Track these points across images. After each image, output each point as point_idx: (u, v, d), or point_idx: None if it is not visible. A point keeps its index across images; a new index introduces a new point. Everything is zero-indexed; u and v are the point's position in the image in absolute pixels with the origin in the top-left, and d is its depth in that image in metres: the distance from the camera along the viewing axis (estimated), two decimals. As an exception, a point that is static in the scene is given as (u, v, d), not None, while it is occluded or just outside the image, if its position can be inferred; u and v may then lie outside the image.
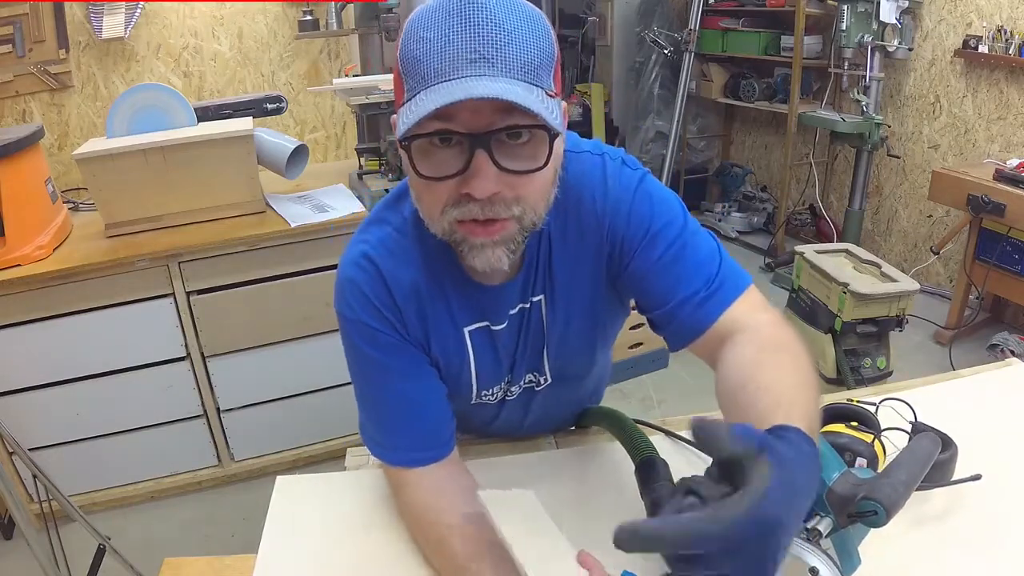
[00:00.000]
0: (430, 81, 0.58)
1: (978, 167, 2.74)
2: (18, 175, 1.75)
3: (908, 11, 3.04)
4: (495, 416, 0.93)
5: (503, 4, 0.58)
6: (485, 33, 0.57)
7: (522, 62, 0.58)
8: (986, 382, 1.07)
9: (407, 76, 0.60)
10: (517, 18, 0.59)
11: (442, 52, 0.57)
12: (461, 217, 0.63)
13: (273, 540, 0.81)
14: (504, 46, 0.57)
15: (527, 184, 0.63)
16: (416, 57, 0.59)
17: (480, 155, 0.59)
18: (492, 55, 0.57)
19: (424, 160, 0.61)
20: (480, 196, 0.60)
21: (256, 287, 1.96)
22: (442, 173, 0.61)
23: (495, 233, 0.64)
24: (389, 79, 2.26)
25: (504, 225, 0.64)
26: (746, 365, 0.64)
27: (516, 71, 0.58)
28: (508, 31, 0.58)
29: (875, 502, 0.55)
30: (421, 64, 0.58)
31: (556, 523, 0.73)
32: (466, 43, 0.57)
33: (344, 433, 2.21)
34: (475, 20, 0.57)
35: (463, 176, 0.61)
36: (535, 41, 0.59)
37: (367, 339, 0.75)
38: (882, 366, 2.17)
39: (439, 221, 0.65)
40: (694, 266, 0.73)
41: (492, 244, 0.64)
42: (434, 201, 0.64)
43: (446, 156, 0.61)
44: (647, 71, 4.08)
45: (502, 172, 0.60)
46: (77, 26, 2.39)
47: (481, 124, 0.58)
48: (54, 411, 1.92)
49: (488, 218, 0.63)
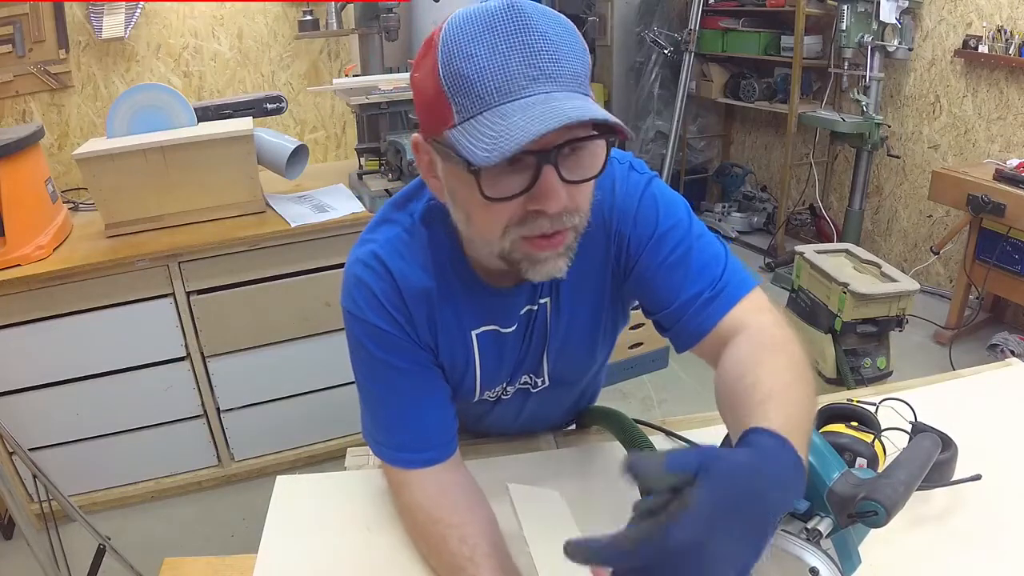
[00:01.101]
0: (492, 101, 0.56)
1: (978, 167, 2.74)
2: (18, 175, 1.75)
3: (908, 11, 3.04)
4: (487, 413, 0.93)
5: (543, 14, 0.58)
6: (537, 46, 0.56)
7: (574, 74, 0.58)
8: (986, 382, 1.08)
9: (455, 95, 0.57)
10: (560, 30, 0.58)
11: (500, 69, 0.56)
12: (528, 233, 0.62)
13: (273, 540, 0.81)
14: (557, 60, 0.57)
15: (584, 192, 0.63)
16: (466, 75, 0.56)
17: (548, 171, 0.59)
18: (550, 70, 0.57)
19: (488, 182, 0.59)
20: (554, 212, 0.60)
21: (256, 287, 1.96)
22: (509, 193, 0.59)
23: (560, 244, 0.64)
24: (389, 79, 2.26)
25: (566, 235, 0.64)
26: (742, 362, 0.64)
27: (572, 84, 0.58)
28: (557, 44, 0.57)
29: (875, 502, 0.55)
30: (475, 83, 0.56)
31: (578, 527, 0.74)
32: (522, 58, 0.56)
33: (344, 433, 2.21)
34: (525, 34, 0.56)
35: (530, 194, 0.60)
36: (579, 52, 0.59)
37: (374, 338, 0.75)
38: (882, 366, 2.17)
39: (499, 241, 0.64)
40: (699, 268, 0.73)
41: (555, 256, 0.65)
42: (494, 221, 0.63)
43: (509, 175, 0.59)
44: (647, 71, 4.08)
45: (566, 184, 0.60)
46: (77, 26, 2.39)
47: (545, 140, 0.57)
48: (54, 411, 1.92)
49: (556, 231, 0.63)
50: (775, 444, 0.50)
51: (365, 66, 2.47)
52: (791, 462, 0.50)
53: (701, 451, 0.48)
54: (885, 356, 2.17)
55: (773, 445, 0.50)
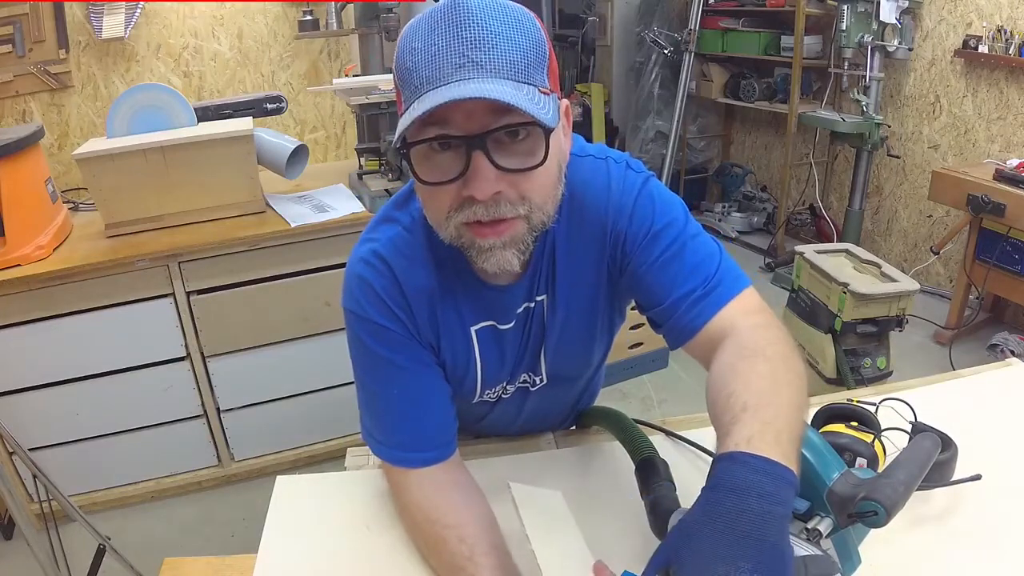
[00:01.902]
0: (422, 89, 0.59)
1: (978, 167, 2.74)
2: (18, 175, 1.75)
3: (908, 11, 3.04)
4: (487, 413, 0.93)
5: (489, 8, 0.59)
6: (471, 37, 0.58)
7: (510, 61, 0.59)
8: (986, 382, 1.08)
9: (403, 87, 0.62)
10: (503, 20, 0.59)
11: (432, 60, 0.59)
12: (466, 220, 0.64)
13: (273, 540, 0.81)
14: (491, 48, 0.58)
15: (529, 181, 0.63)
16: (408, 67, 0.60)
17: (477, 156, 0.60)
18: (479, 57, 0.58)
19: (425, 166, 0.62)
20: (481, 197, 0.61)
21: (256, 287, 1.96)
22: (443, 177, 0.62)
23: (502, 233, 0.64)
24: (389, 79, 2.26)
25: (511, 225, 0.64)
26: (723, 373, 0.64)
27: (504, 71, 0.59)
28: (494, 33, 0.59)
29: (875, 502, 0.55)
30: (413, 74, 0.60)
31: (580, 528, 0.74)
32: (454, 49, 0.58)
33: (344, 433, 2.21)
34: (462, 26, 0.58)
35: (464, 179, 0.61)
36: (523, 40, 0.60)
37: (376, 337, 0.75)
38: (882, 366, 2.17)
39: (445, 226, 0.66)
40: (692, 266, 0.73)
41: (501, 246, 0.65)
42: (439, 206, 0.65)
43: (445, 160, 0.62)
44: (647, 71, 4.08)
45: (501, 172, 0.61)
46: (77, 26, 2.39)
47: (476, 126, 0.59)
48: (54, 411, 1.92)
49: (493, 218, 0.63)
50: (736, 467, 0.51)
51: (365, 66, 2.47)
52: (755, 470, 0.50)
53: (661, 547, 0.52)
54: (885, 356, 2.17)
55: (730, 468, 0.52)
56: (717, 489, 0.51)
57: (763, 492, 0.49)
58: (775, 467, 0.51)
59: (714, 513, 0.49)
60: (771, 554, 0.47)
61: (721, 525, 0.48)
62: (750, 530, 0.47)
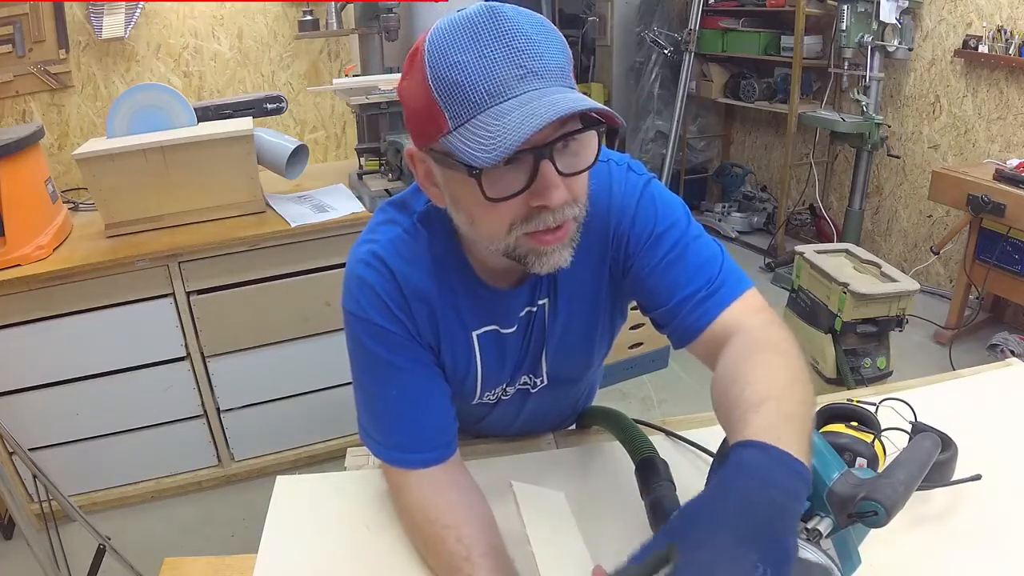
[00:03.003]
0: (485, 104, 0.57)
1: (978, 167, 2.74)
2: (18, 175, 1.75)
3: (908, 11, 3.04)
4: (486, 415, 0.93)
5: (523, 15, 0.59)
6: (521, 47, 0.58)
7: (558, 67, 0.60)
8: (986, 382, 1.08)
9: (448, 102, 0.58)
10: (538, 27, 0.60)
11: (488, 73, 0.57)
12: (534, 229, 0.63)
13: (273, 540, 0.81)
14: (541, 56, 0.58)
15: (579, 182, 0.64)
16: (456, 82, 0.57)
17: (546, 166, 0.60)
18: (535, 67, 0.58)
19: (488, 183, 0.60)
20: (556, 205, 0.61)
21: (256, 287, 1.96)
22: (509, 192, 0.61)
23: (564, 236, 0.65)
24: (389, 79, 2.26)
25: (568, 226, 0.65)
26: (735, 365, 0.64)
27: (557, 78, 0.59)
28: (537, 41, 0.59)
29: (875, 502, 0.55)
30: (465, 88, 0.57)
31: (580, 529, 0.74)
32: (507, 58, 0.57)
33: (344, 433, 2.21)
34: (507, 35, 0.57)
35: (530, 191, 0.61)
36: (559, 46, 0.61)
37: (376, 338, 0.75)
38: (882, 366, 2.17)
39: (504, 239, 0.65)
40: (696, 267, 0.73)
41: (560, 247, 0.66)
42: (499, 221, 0.64)
43: (508, 174, 0.60)
44: (647, 71, 4.08)
45: (564, 177, 0.61)
46: (77, 26, 2.38)
47: (539, 137, 0.58)
48: (54, 411, 1.92)
49: (559, 224, 0.64)
50: (758, 454, 0.51)
51: (365, 66, 2.47)
52: (778, 467, 0.50)
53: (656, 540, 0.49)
54: (885, 356, 2.17)
55: (756, 455, 0.51)
56: (737, 476, 0.50)
57: (784, 486, 0.49)
58: (796, 463, 0.51)
59: (729, 497, 0.48)
60: (780, 549, 0.46)
61: (736, 512, 0.47)
62: (764, 522, 0.46)
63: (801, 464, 0.51)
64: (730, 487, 0.49)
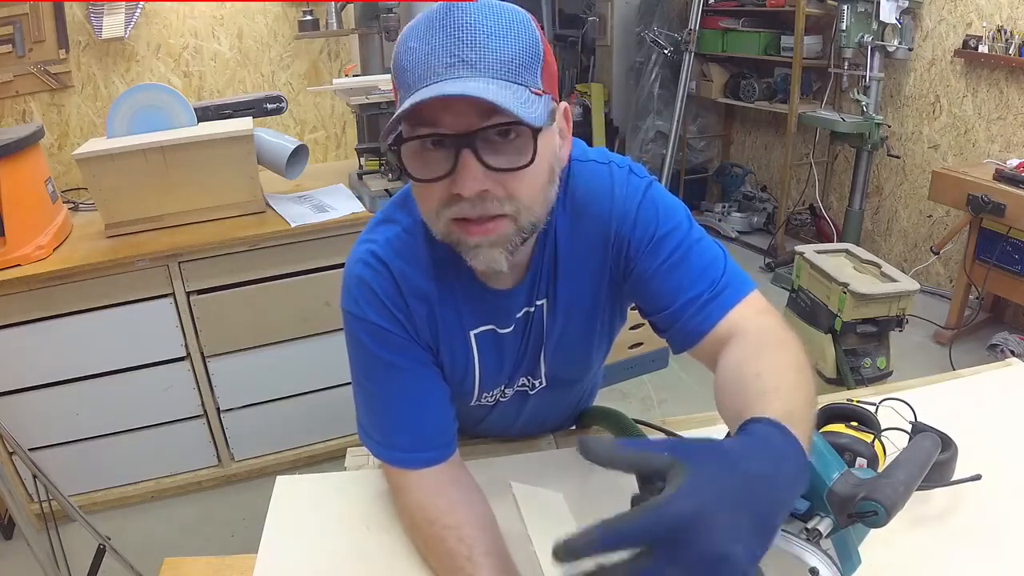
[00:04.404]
0: (413, 88, 0.60)
1: (978, 167, 2.74)
2: (18, 175, 1.75)
3: (908, 11, 3.04)
4: (485, 416, 0.93)
5: (483, 8, 0.60)
6: (464, 36, 0.59)
7: (501, 61, 0.60)
8: (986, 382, 1.08)
9: (399, 86, 0.64)
10: (496, 20, 0.60)
11: (424, 59, 0.60)
12: (454, 216, 0.64)
13: (273, 540, 0.81)
14: (482, 48, 0.59)
15: (517, 181, 0.63)
16: (403, 67, 0.62)
17: (465, 154, 0.61)
18: (470, 57, 0.59)
19: (417, 163, 0.64)
20: (467, 194, 0.62)
21: (256, 287, 1.96)
22: (433, 175, 0.63)
23: (491, 232, 0.65)
24: (389, 79, 2.25)
25: (499, 224, 0.64)
26: (745, 358, 0.64)
27: (495, 71, 0.59)
28: (486, 33, 0.60)
29: (875, 502, 0.55)
30: (407, 73, 0.61)
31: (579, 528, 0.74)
32: (446, 48, 0.59)
33: (344, 433, 2.21)
34: (455, 26, 0.59)
35: (452, 177, 0.62)
36: (515, 41, 0.61)
37: (375, 337, 0.75)
38: (882, 366, 2.17)
39: (436, 222, 0.66)
40: (698, 270, 0.73)
41: (488, 244, 0.65)
42: (430, 202, 0.65)
43: (436, 158, 0.62)
44: (647, 71, 4.08)
45: (489, 170, 0.62)
46: (77, 26, 2.38)
47: (464, 125, 0.60)
48: (54, 411, 1.92)
49: (480, 215, 0.63)
50: (775, 430, 0.49)
51: (365, 66, 2.47)
52: (792, 448, 0.48)
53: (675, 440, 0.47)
54: (885, 356, 2.17)
55: (772, 431, 0.49)
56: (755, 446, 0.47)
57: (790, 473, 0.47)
58: (804, 456, 0.49)
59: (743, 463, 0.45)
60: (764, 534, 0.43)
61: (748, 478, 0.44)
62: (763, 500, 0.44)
63: (806, 458, 0.51)
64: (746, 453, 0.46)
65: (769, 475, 0.45)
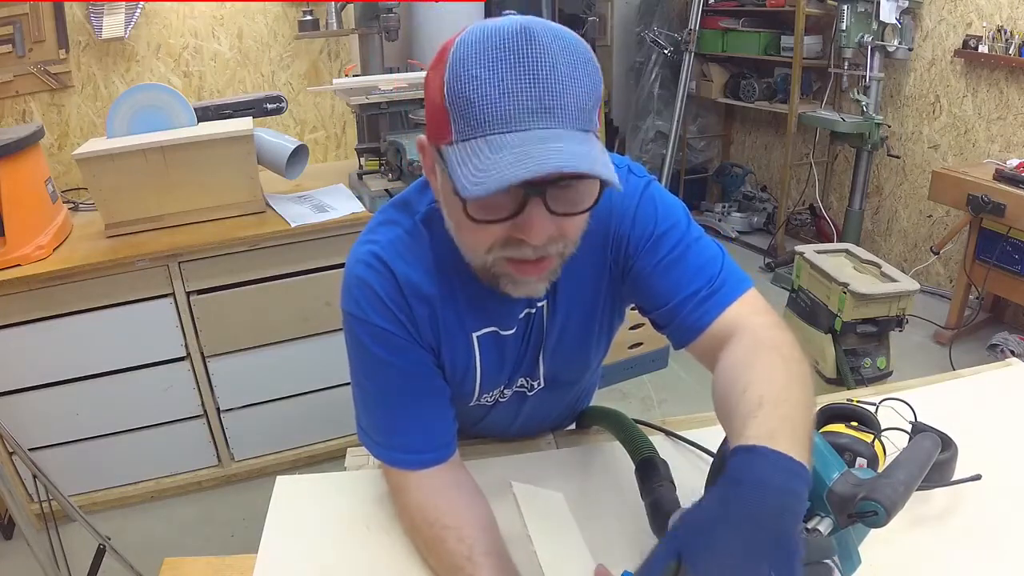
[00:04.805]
0: (488, 129, 0.56)
1: (978, 167, 2.74)
2: (18, 175, 1.75)
3: (908, 11, 3.04)
4: (483, 417, 0.93)
5: (559, 44, 0.57)
6: (543, 77, 0.56)
7: (579, 109, 0.58)
8: (986, 382, 1.08)
9: (457, 116, 0.57)
10: (572, 60, 0.58)
11: (501, 99, 0.55)
12: (511, 256, 0.64)
13: (273, 540, 0.81)
14: (562, 94, 0.56)
15: (572, 223, 0.64)
16: (469, 99, 0.56)
17: (535, 203, 0.59)
18: (552, 105, 0.56)
19: (475, 203, 0.58)
20: (536, 243, 0.61)
21: (256, 287, 1.96)
22: (494, 216, 0.60)
23: (543, 270, 0.65)
24: (389, 79, 2.26)
25: (551, 261, 0.65)
26: (736, 366, 0.64)
27: (574, 120, 0.57)
28: (565, 75, 0.57)
29: (875, 502, 0.55)
30: (476, 108, 0.56)
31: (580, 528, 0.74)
32: (525, 91, 0.55)
33: (344, 433, 2.21)
34: (535, 64, 0.56)
35: (515, 221, 0.60)
36: (587, 84, 0.59)
37: (376, 339, 0.74)
38: (882, 366, 2.17)
39: (482, 257, 0.65)
40: (696, 267, 0.73)
41: (537, 280, 0.66)
42: (480, 241, 0.64)
43: (497, 198, 0.57)
44: (647, 71, 4.08)
45: (553, 216, 0.61)
46: (77, 26, 2.38)
47: None
48: (54, 411, 1.92)
49: (539, 258, 0.64)
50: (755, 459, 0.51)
51: (365, 66, 2.47)
52: (776, 465, 0.50)
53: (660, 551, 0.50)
54: (885, 356, 2.17)
55: (753, 461, 0.51)
56: (739, 483, 0.50)
57: (784, 488, 0.49)
58: (795, 464, 0.51)
59: (733, 506, 0.49)
60: (787, 552, 0.46)
61: (739, 519, 0.48)
62: (770, 527, 0.47)
63: (799, 464, 0.51)
64: (731, 495, 0.50)
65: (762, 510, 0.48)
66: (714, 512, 0.49)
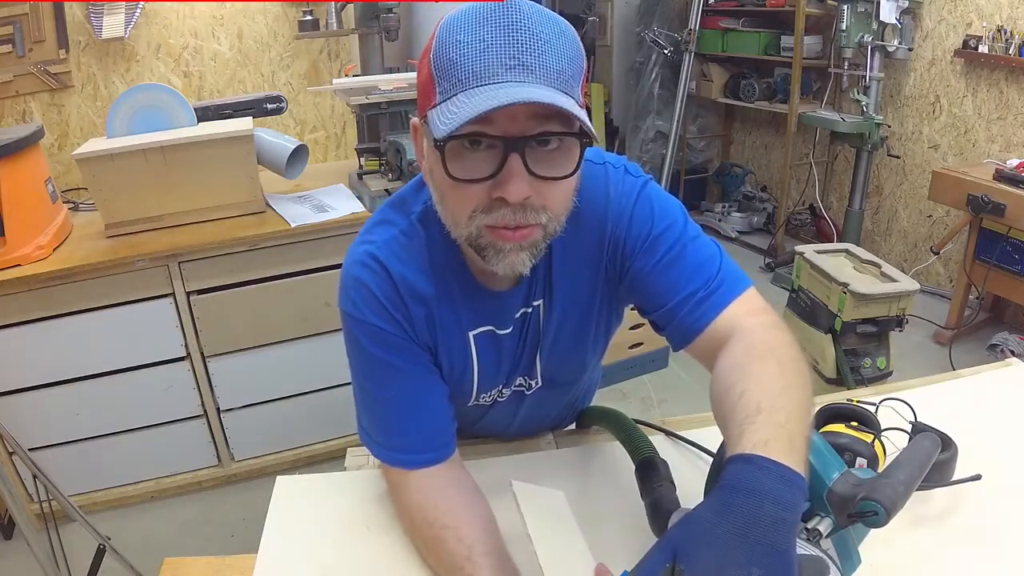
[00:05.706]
0: (468, 84, 0.58)
1: (978, 167, 2.74)
2: (18, 175, 1.75)
3: (908, 11, 3.04)
4: (482, 416, 0.93)
5: (539, 13, 0.60)
6: (523, 39, 0.58)
7: (556, 70, 0.59)
8: (986, 382, 1.08)
9: (441, 79, 0.60)
10: (552, 28, 0.60)
11: (480, 56, 0.58)
12: (492, 223, 0.63)
13: (273, 540, 0.81)
14: (541, 54, 0.58)
15: (554, 191, 0.63)
16: (452, 60, 0.59)
17: (514, 159, 0.60)
18: (530, 62, 0.58)
19: (456, 162, 0.61)
20: (514, 200, 0.61)
21: (256, 287, 1.96)
22: (474, 176, 0.61)
23: (524, 238, 0.64)
24: (389, 79, 2.26)
25: (531, 231, 0.64)
26: (732, 370, 0.64)
27: (552, 79, 0.59)
28: (544, 39, 0.59)
29: (875, 502, 0.55)
30: (458, 67, 0.58)
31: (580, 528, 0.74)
32: (504, 48, 0.58)
33: (344, 433, 2.21)
34: (514, 27, 0.58)
35: (495, 180, 0.61)
36: (568, 51, 0.60)
37: (373, 338, 0.74)
38: (882, 366, 2.17)
39: (466, 225, 0.65)
40: (694, 268, 0.73)
41: (518, 249, 0.65)
42: (463, 204, 0.64)
43: (478, 159, 0.61)
44: (647, 71, 4.08)
45: (533, 178, 0.61)
46: (77, 26, 2.38)
47: (515, 129, 0.59)
48: (54, 411, 1.92)
49: (518, 224, 0.63)
50: (751, 468, 0.51)
51: (365, 66, 2.47)
52: (771, 475, 0.51)
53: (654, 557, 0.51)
54: (885, 356, 2.17)
55: (749, 470, 0.51)
56: (735, 492, 0.50)
57: (779, 499, 0.49)
58: (790, 473, 0.51)
59: (729, 514, 0.49)
60: (781, 561, 0.47)
61: (734, 528, 0.48)
62: (763, 536, 0.48)
63: (794, 473, 0.51)
64: (727, 505, 0.50)
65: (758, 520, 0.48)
66: (709, 518, 0.50)
